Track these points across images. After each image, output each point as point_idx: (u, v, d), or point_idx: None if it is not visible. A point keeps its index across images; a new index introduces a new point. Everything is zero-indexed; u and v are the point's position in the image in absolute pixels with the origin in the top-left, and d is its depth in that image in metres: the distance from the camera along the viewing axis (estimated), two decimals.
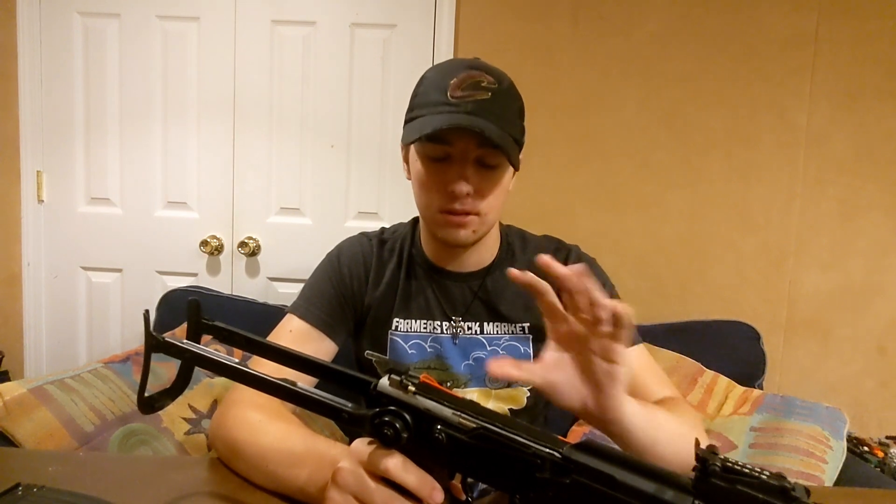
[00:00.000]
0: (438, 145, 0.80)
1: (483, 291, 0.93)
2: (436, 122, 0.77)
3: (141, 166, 1.89)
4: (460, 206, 0.81)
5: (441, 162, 0.82)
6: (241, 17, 1.83)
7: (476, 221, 0.84)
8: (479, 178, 0.81)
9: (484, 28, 1.80)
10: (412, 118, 0.83)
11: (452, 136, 0.78)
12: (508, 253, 0.96)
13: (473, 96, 0.78)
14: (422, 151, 0.83)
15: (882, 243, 1.79)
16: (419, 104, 0.83)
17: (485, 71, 0.81)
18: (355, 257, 0.94)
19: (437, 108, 0.79)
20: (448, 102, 0.78)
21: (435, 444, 0.45)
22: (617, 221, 1.84)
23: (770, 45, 1.76)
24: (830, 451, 1.20)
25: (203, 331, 0.53)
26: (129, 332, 1.95)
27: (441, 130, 0.76)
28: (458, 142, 0.79)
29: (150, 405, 0.52)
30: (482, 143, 0.79)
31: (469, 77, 0.79)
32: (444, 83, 0.80)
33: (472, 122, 0.75)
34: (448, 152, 0.80)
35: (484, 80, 0.80)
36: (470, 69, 0.81)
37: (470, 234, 0.85)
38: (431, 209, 0.84)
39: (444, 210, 0.83)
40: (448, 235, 0.85)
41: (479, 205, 0.83)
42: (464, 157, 0.80)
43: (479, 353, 0.93)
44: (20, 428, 0.94)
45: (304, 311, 0.88)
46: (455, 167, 0.81)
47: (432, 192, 0.83)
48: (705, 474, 0.38)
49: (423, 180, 0.84)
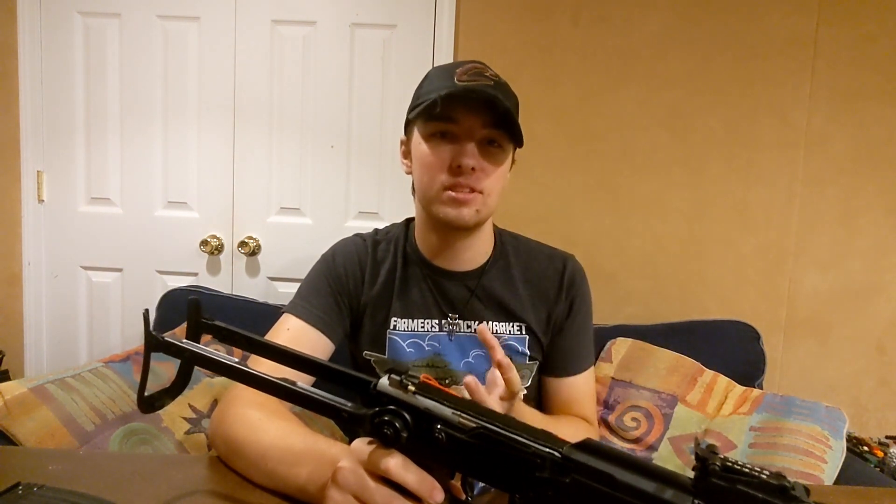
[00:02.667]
0: (444, 123, 0.82)
1: (480, 290, 0.94)
2: (446, 94, 0.80)
3: (141, 166, 1.89)
4: (465, 180, 0.83)
5: (445, 140, 0.84)
6: (241, 17, 1.84)
7: (479, 200, 0.85)
8: (483, 155, 0.84)
9: (484, 28, 1.80)
10: (418, 104, 0.85)
11: (459, 114, 0.81)
12: (503, 253, 0.98)
13: (479, 81, 0.82)
14: (426, 131, 0.85)
15: (882, 243, 1.79)
16: (424, 92, 0.86)
17: (488, 67, 0.87)
18: (350, 257, 0.95)
19: (443, 90, 0.81)
20: (455, 85, 0.82)
21: (435, 444, 0.45)
22: (617, 221, 1.84)
23: (770, 46, 1.76)
24: (830, 451, 1.20)
25: (203, 330, 0.53)
26: (129, 332, 1.95)
27: (451, 103, 0.79)
28: (464, 120, 0.82)
29: (150, 404, 0.52)
30: (487, 123, 0.82)
31: (474, 67, 0.84)
32: (450, 72, 0.84)
33: (483, 92, 0.80)
34: (453, 130, 0.83)
35: (487, 72, 0.85)
36: (474, 63, 0.86)
37: (473, 214, 0.85)
38: (435, 188, 0.85)
39: (449, 186, 0.84)
40: (451, 214, 0.85)
41: (483, 182, 0.84)
42: (469, 136, 0.83)
43: (478, 351, 0.93)
44: (21, 427, 0.95)
45: (301, 310, 0.88)
46: (460, 144, 0.83)
47: (436, 170, 0.84)
48: (705, 473, 0.38)
49: (427, 160, 0.85)
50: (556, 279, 0.97)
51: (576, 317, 0.97)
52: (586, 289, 1.00)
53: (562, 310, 0.97)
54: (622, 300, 1.83)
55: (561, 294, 0.96)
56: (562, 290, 0.96)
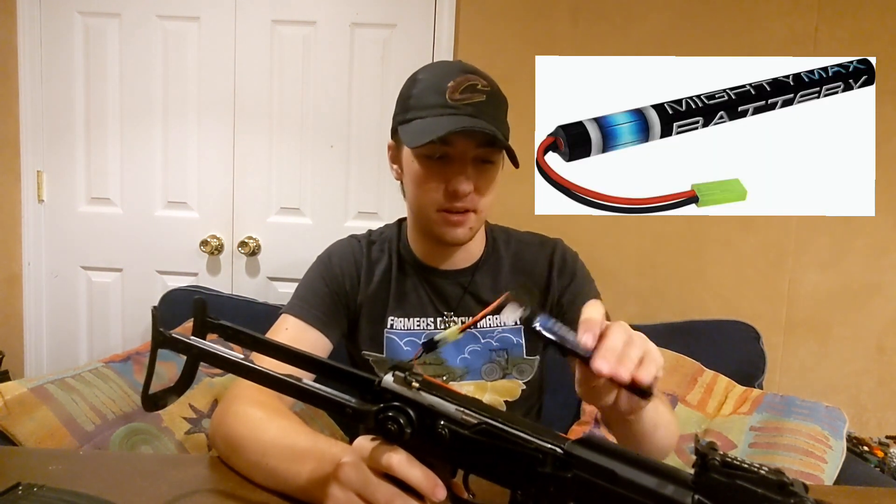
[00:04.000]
0: (438, 146, 0.81)
1: (473, 287, 0.95)
2: (443, 124, 0.79)
3: (141, 166, 1.89)
4: (461, 203, 0.83)
5: (439, 161, 0.83)
6: (241, 17, 1.84)
7: (473, 219, 0.86)
8: (477, 175, 0.84)
9: (484, 28, 1.80)
10: (409, 119, 0.84)
11: (452, 138, 0.80)
12: (494, 249, 0.99)
13: (472, 98, 0.82)
14: (419, 152, 0.84)
15: (882, 243, 1.80)
16: (415, 106, 0.84)
17: (478, 74, 0.85)
18: (346, 257, 0.96)
19: (436, 110, 0.81)
20: (448, 105, 0.81)
21: (438, 440, 0.45)
22: (617, 221, 1.84)
23: (770, 44, 1.76)
24: (830, 451, 1.20)
25: (209, 329, 0.54)
26: (129, 332, 1.95)
27: (450, 134, 0.78)
28: (458, 143, 0.81)
29: (154, 402, 0.52)
30: (482, 143, 0.82)
31: (466, 80, 0.83)
32: (441, 86, 0.82)
33: (480, 125, 0.79)
34: (447, 152, 0.82)
35: (479, 83, 0.83)
36: (465, 73, 0.84)
37: (467, 232, 0.87)
38: (429, 208, 0.86)
39: (443, 209, 0.85)
40: (446, 234, 0.86)
41: (478, 202, 0.85)
42: (463, 157, 0.83)
43: (474, 346, 0.94)
44: (21, 427, 0.95)
45: (300, 310, 0.89)
46: (454, 166, 0.83)
47: (431, 191, 0.85)
48: (705, 469, 0.38)
49: (420, 179, 0.85)
50: (546, 263, 0.97)
51: (579, 292, 0.95)
52: (581, 266, 0.99)
53: (557, 289, 0.96)
54: (622, 300, 1.83)
55: (552, 275, 0.96)
56: (552, 271, 0.96)
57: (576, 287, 0.96)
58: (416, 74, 0.88)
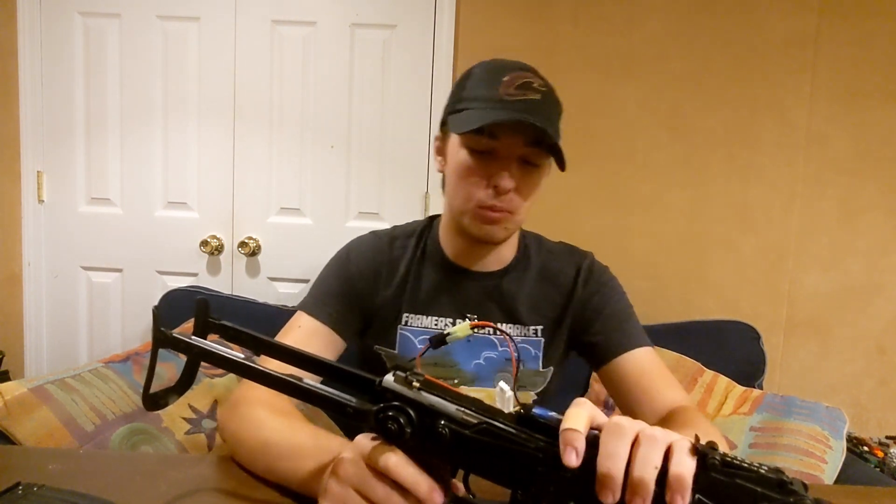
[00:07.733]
0: (485, 139, 0.80)
1: (497, 293, 0.93)
2: (493, 115, 0.77)
3: (141, 166, 1.89)
4: (500, 202, 0.81)
5: (485, 156, 0.82)
6: (241, 17, 1.84)
7: (509, 219, 0.84)
8: (521, 175, 0.82)
9: (484, 28, 1.80)
10: (459, 109, 0.83)
11: (500, 131, 0.79)
12: (525, 255, 0.97)
13: (525, 95, 0.79)
14: (466, 143, 0.83)
15: (882, 243, 1.80)
16: (468, 97, 0.83)
17: (536, 74, 0.83)
18: (364, 255, 0.94)
19: (487, 102, 0.79)
20: (500, 99, 0.79)
21: (438, 440, 0.45)
22: (617, 221, 1.84)
23: (770, 45, 1.76)
24: (830, 451, 1.20)
25: (210, 329, 0.54)
26: (129, 332, 1.95)
27: (496, 125, 0.76)
28: (505, 138, 0.79)
29: (154, 401, 0.52)
30: (530, 142, 0.80)
31: (521, 77, 0.81)
32: (496, 80, 0.80)
33: (530, 120, 0.76)
34: (493, 147, 0.80)
35: (535, 82, 0.81)
36: (522, 70, 0.82)
37: (502, 231, 0.85)
38: (469, 202, 0.84)
39: (484, 205, 0.82)
40: (481, 231, 0.84)
41: (518, 204, 0.83)
42: (509, 154, 0.81)
43: (490, 353, 0.93)
44: (21, 427, 0.94)
45: (314, 309, 0.88)
46: (500, 162, 0.81)
47: (473, 185, 0.83)
48: (705, 468, 0.38)
49: (464, 172, 0.83)
50: (573, 273, 0.95)
51: (607, 303, 0.94)
52: (611, 278, 0.97)
53: (583, 298, 0.94)
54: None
55: (577, 284, 0.94)
56: (578, 279, 0.95)
57: (603, 298, 0.94)
58: (473, 68, 0.87)
